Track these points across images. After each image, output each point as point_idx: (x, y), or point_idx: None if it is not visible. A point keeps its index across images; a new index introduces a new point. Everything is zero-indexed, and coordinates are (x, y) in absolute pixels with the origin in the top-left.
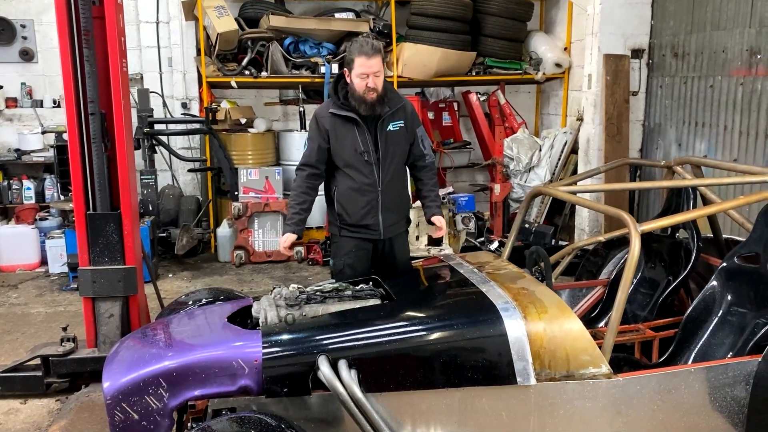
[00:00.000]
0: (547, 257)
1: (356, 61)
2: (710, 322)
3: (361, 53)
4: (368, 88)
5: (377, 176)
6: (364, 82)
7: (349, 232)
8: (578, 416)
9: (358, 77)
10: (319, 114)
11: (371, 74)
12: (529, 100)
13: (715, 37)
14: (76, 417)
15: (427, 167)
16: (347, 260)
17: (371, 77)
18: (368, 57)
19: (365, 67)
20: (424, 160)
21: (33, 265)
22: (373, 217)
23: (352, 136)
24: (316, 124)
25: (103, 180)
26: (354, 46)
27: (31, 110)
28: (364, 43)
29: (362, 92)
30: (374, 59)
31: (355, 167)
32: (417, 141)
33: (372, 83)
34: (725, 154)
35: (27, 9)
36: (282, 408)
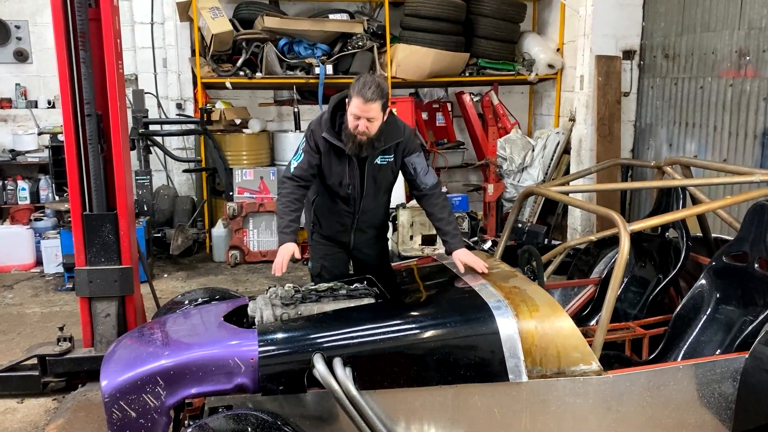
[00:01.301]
0: (539, 256)
1: (353, 100)
2: (699, 320)
3: (359, 95)
4: (358, 129)
5: (357, 207)
6: (356, 123)
7: (321, 238)
8: (569, 412)
9: (350, 114)
10: (315, 131)
11: (364, 118)
12: (522, 101)
13: (705, 39)
14: (73, 416)
15: (428, 196)
16: (324, 263)
17: (363, 120)
18: (365, 102)
19: (359, 110)
20: (422, 190)
21: (28, 265)
22: (346, 236)
23: (340, 169)
24: (314, 142)
25: (99, 181)
26: (357, 83)
27: (25, 111)
28: (366, 85)
29: (352, 129)
30: (371, 105)
31: (338, 194)
32: (408, 171)
33: (362, 127)
34: (715, 155)
35: (21, 10)
36: (278, 405)
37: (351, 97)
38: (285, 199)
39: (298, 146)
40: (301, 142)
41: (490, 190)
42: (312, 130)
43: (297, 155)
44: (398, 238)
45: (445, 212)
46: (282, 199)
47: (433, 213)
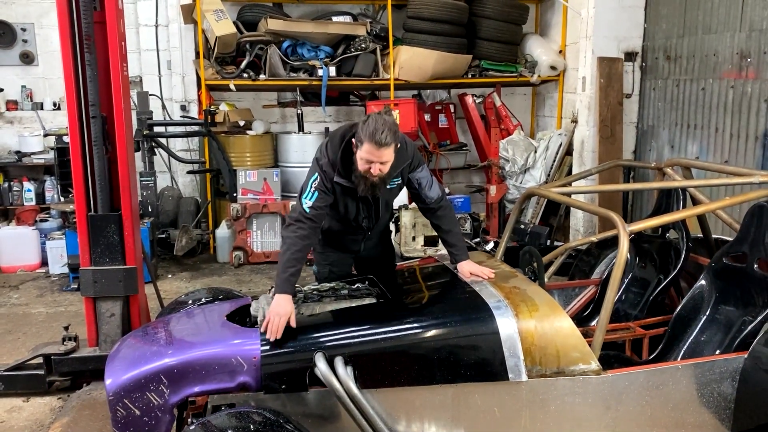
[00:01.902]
0: (539, 257)
1: (365, 145)
2: (699, 321)
3: (372, 141)
4: (370, 172)
5: (365, 233)
6: (367, 166)
7: (330, 248)
8: (569, 412)
9: (361, 159)
10: (329, 176)
11: (377, 162)
12: (524, 102)
13: (707, 41)
14: (78, 414)
15: (434, 209)
16: (332, 268)
17: (376, 164)
18: (378, 148)
19: (373, 156)
20: (427, 204)
21: (34, 266)
22: (356, 246)
23: (354, 206)
24: (329, 183)
25: (104, 182)
26: (366, 127)
27: (31, 113)
28: (379, 131)
29: (363, 172)
30: (384, 150)
31: (347, 225)
32: (413, 186)
33: (375, 171)
34: (716, 156)
35: (27, 12)
36: (280, 404)
37: (362, 141)
38: (300, 242)
39: (307, 183)
40: (312, 180)
41: (493, 191)
42: (324, 171)
43: (309, 194)
44: (401, 239)
45: (451, 225)
46: (295, 241)
47: (439, 226)
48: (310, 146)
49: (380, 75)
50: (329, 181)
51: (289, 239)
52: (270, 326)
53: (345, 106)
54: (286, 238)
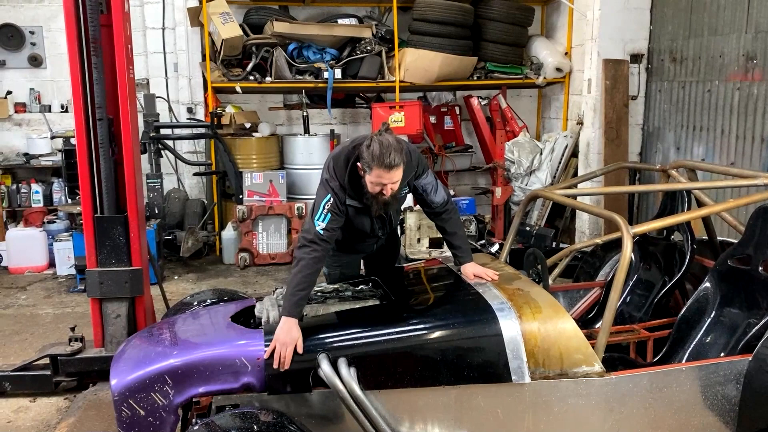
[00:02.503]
0: (543, 259)
1: (374, 170)
2: (703, 323)
3: (380, 165)
4: (382, 193)
5: (378, 239)
6: (378, 189)
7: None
8: (572, 413)
9: (372, 183)
10: (341, 197)
11: (389, 184)
12: (530, 104)
13: (713, 43)
14: (84, 415)
15: (439, 214)
16: (342, 270)
17: (388, 185)
18: (388, 170)
19: (384, 179)
20: (433, 208)
21: (41, 267)
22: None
23: (368, 222)
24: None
25: (110, 183)
26: (373, 152)
27: (39, 115)
28: (386, 154)
29: (375, 194)
30: (395, 172)
31: (358, 238)
32: (418, 192)
33: (387, 192)
34: (722, 158)
35: (35, 16)
36: (283, 405)
37: (370, 167)
38: (313, 265)
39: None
40: (324, 201)
41: (498, 193)
42: (336, 193)
43: (321, 215)
44: (406, 240)
45: (456, 228)
46: (309, 263)
47: (443, 228)
48: (316, 148)
49: (386, 77)
50: (342, 204)
51: (303, 261)
52: (276, 355)
53: (351, 108)
54: (300, 260)
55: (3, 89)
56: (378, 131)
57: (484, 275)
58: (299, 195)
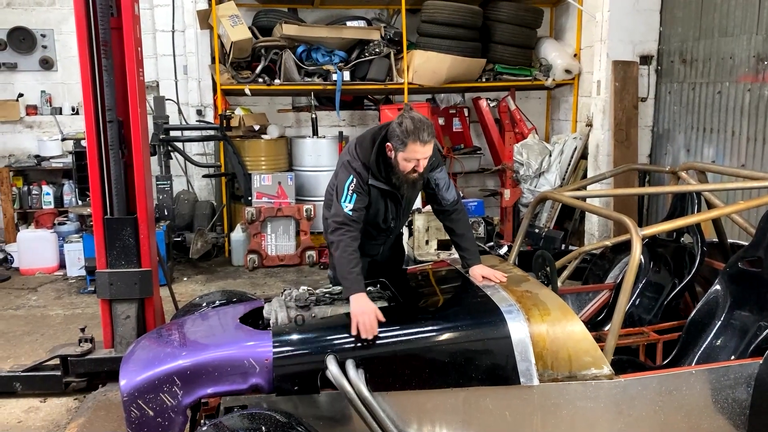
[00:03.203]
0: (552, 261)
1: (408, 146)
2: (713, 326)
3: (416, 139)
4: (413, 170)
5: (387, 236)
6: (411, 165)
7: None
8: (580, 416)
9: (405, 160)
10: (364, 178)
11: (421, 159)
12: (539, 106)
13: (723, 44)
14: (94, 415)
15: (449, 212)
16: None
17: (421, 161)
18: (423, 144)
19: (418, 153)
20: (442, 206)
21: (52, 268)
22: (375, 250)
23: (384, 207)
24: (366, 186)
25: (120, 185)
26: (406, 126)
27: (50, 117)
28: (420, 128)
29: (406, 173)
30: (429, 146)
31: (376, 225)
32: (431, 186)
33: (420, 168)
34: (733, 160)
35: (47, 19)
36: (292, 406)
37: (404, 143)
38: (353, 243)
39: (342, 187)
40: (348, 182)
41: (507, 195)
42: (359, 173)
43: (347, 197)
44: (414, 242)
45: (465, 229)
46: (348, 242)
47: (452, 229)
48: (324, 150)
49: (394, 79)
50: (365, 183)
51: (342, 242)
52: (361, 327)
53: (359, 110)
54: (339, 242)
55: (15, 92)
56: (404, 111)
57: (492, 277)
58: (308, 197)
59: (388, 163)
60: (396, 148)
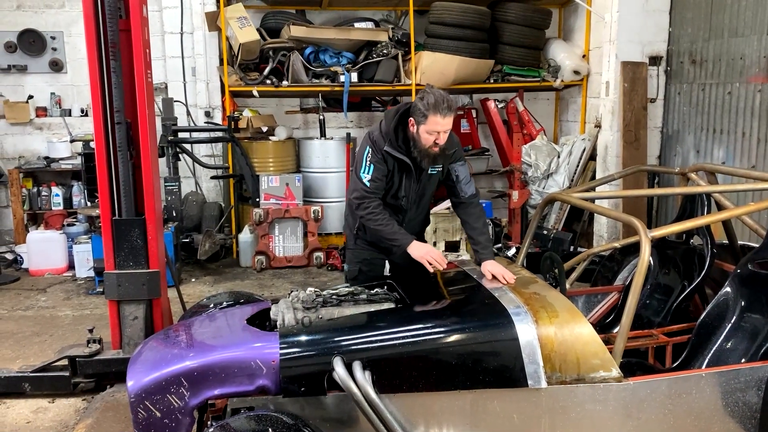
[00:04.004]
0: (560, 263)
1: (430, 118)
2: (723, 328)
3: (436, 111)
4: (435, 143)
5: (405, 215)
6: (432, 138)
7: (365, 244)
8: (589, 419)
9: (426, 133)
10: (380, 146)
11: (441, 132)
12: (547, 107)
13: (733, 44)
14: (102, 416)
15: (466, 205)
16: (362, 267)
17: (441, 134)
18: (443, 116)
19: (439, 125)
20: (460, 198)
21: (61, 269)
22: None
23: (399, 182)
24: (382, 156)
25: (128, 186)
26: (425, 102)
27: (60, 119)
28: (441, 101)
29: (427, 146)
30: (449, 119)
31: (390, 205)
32: (451, 178)
33: (440, 140)
34: (743, 161)
35: (57, 21)
36: (298, 407)
37: (425, 115)
38: (380, 209)
39: (360, 159)
40: (365, 154)
41: (515, 196)
42: (374, 142)
43: (366, 168)
44: None
45: (480, 223)
46: (375, 209)
47: (468, 222)
48: (332, 152)
49: (402, 80)
50: (380, 151)
51: (371, 212)
52: (433, 262)
53: (367, 111)
54: (369, 213)
55: (25, 93)
56: (426, 87)
57: (501, 277)
58: (315, 198)
59: (406, 135)
60: (418, 122)
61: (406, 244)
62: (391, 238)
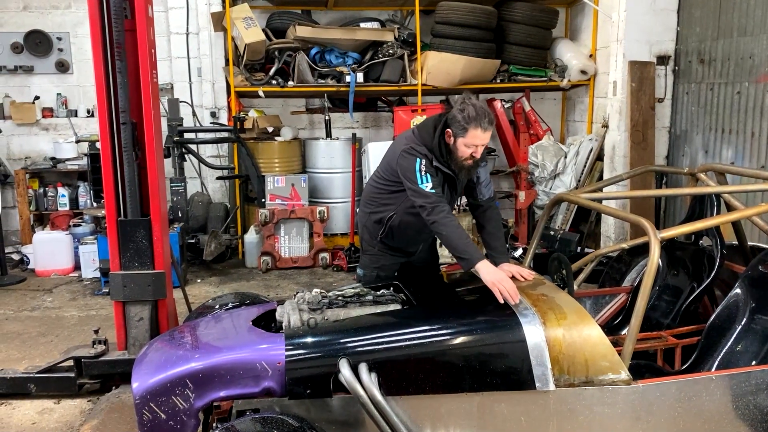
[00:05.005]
0: (568, 264)
1: (470, 132)
2: (734, 330)
3: (478, 126)
4: (472, 156)
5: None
6: (470, 151)
7: (387, 249)
8: (597, 422)
9: (465, 146)
10: (429, 158)
11: (480, 146)
12: (554, 107)
13: (742, 43)
14: (107, 417)
15: (483, 208)
16: (380, 272)
17: (479, 148)
18: (484, 130)
19: (478, 139)
20: (478, 200)
21: (67, 270)
22: (415, 247)
23: (447, 197)
24: (435, 170)
25: (133, 187)
26: (469, 114)
27: (66, 120)
28: (483, 115)
29: (464, 159)
30: (489, 132)
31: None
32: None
33: (477, 154)
34: (752, 161)
35: (63, 22)
36: (304, 409)
37: (465, 129)
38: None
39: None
40: (417, 166)
41: (522, 197)
42: (424, 155)
43: (422, 179)
44: None
45: (496, 228)
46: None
47: (483, 226)
48: (338, 152)
49: (408, 81)
50: (431, 165)
51: (446, 217)
52: (506, 294)
53: (373, 112)
54: (443, 218)
55: (31, 94)
56: (465, 97)
57: (519, 275)
58: (321, 198)
59: (448, 148)
60: (456, 134)
61: (475, 261)
62: (462, 249)
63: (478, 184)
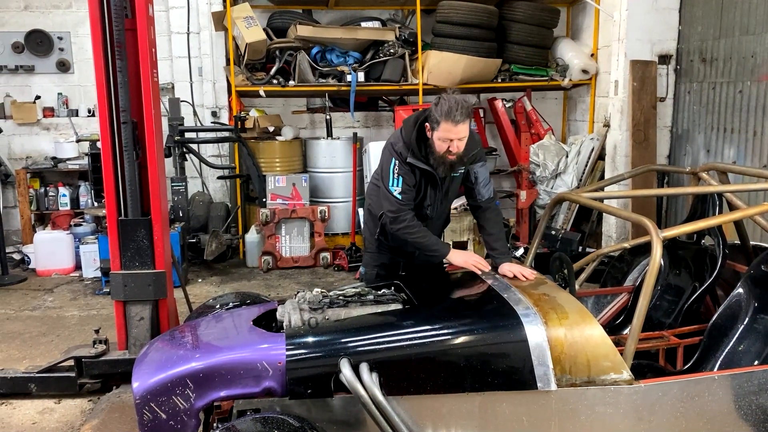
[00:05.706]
0: (570, 264)
1: (442, 125)
2: (736, 330)
3: (449, 119)
4: (449, 151)
5: (429, 222)
6: (446, 146)
7: (386, 248)
8: (599, 422)
9: (439, 140)
10: (403, 155)
11: (455, 140)
12: (556, 107)
13: (744, 42)
14: (108, 417)
15: (483, 209)
16: (380, 271)
17: (455, 142)
18: (455, 124)
19: (451, 133)
20: (477, 201)
21: (68, 269)
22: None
23: (425, 192)
24: (409, 169)
25: (134, 187)
26: (442, 107)
27: (66, 119)
28: (454, 108)
29: (442, 153)
30: (461, 126)
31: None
32: (470, 179)
33: (455, 148)
34: (755, 161)
35: (64, 22)
36: (305, 409)
37: (437, 122)
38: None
39: (387, 171)
40: (391, 167)
41: (523, 196)
42: (399, 153)
43: (394, 181)
44: None
45: (497, 228)
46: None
47: (484, 227)
48: (339, 152)
49: (409, 80)
50: (405, 163)
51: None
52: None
53: (373, 111)
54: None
55: (32, 94)
56: (449, 91)
57: (520, 275)
58: (322, 198)
59: (428, 143)
60: (432, 128)
61: (445, 254)
62: (431, 249)
63: (476, 184)
